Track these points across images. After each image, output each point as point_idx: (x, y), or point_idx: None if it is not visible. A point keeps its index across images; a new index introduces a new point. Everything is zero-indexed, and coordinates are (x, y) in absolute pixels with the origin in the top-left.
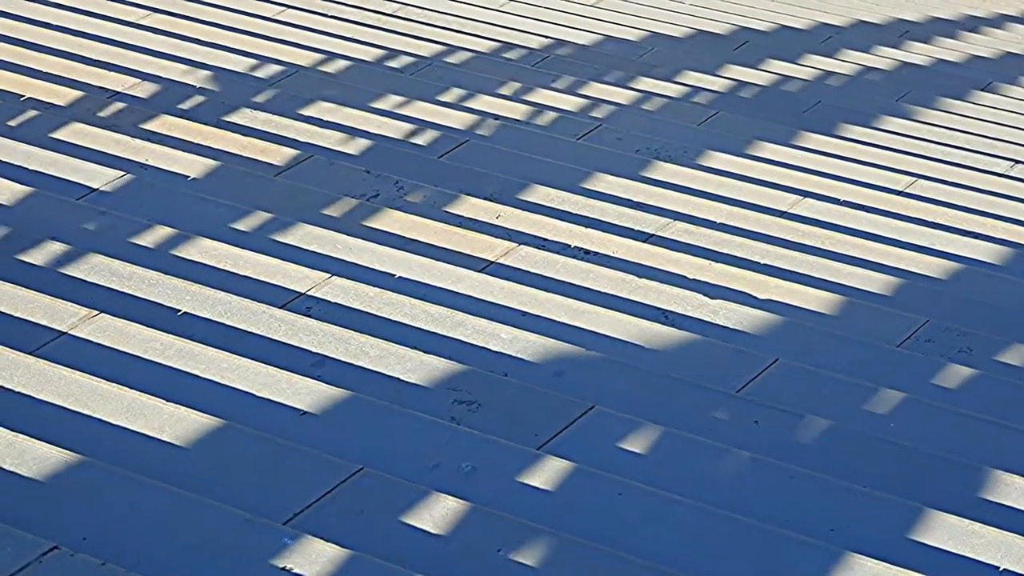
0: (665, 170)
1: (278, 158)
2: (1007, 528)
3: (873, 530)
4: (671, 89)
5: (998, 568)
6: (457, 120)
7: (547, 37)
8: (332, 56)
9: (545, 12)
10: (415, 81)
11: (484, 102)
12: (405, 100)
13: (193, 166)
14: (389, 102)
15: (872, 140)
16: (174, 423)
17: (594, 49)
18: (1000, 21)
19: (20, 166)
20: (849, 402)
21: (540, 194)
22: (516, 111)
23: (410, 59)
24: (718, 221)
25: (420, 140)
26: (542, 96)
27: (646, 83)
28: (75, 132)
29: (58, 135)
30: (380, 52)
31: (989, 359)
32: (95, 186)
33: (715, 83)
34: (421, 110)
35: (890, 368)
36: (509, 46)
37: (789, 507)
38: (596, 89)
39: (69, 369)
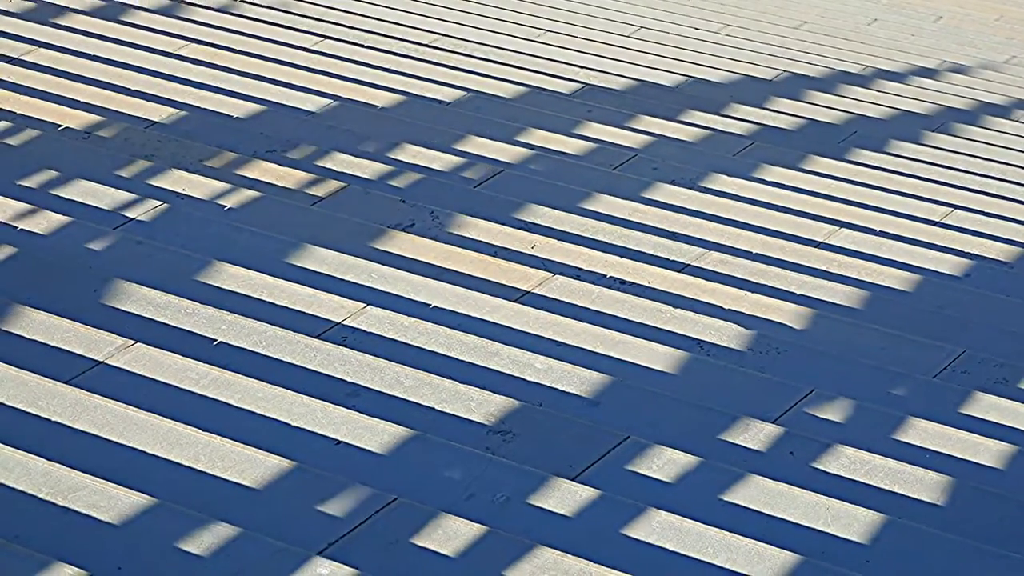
0: (700, 200)
1: (314, 188)
2: None
3: (910, 562)
4: (707, 120)
5: None
6: (493, 150)
7: (583, 68)
8: (368, 86)
9: (582, 43)
10: (451, 111)
11: (519, 132)
12: (441, 130)
13: (229, 195)
14: (425, 132)
15: (908, 170)
16: (209, 452)
17: (630, 80)
18: None
19: (57, 195)
20: (884, 433)
21: (575, 224)
22: (552, 141)
23: (446, 89)
24: (753, 251)
25: (455, 169)
26: (578, 126)
27: (682, 114)
28: (113, 162)
29: (96, 165)
30: (416, 83)
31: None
32: (132, 216)
33: (751, 114)
34: (457, 140)
35: (926, 399)
36: (545, 77)
37: (823, 539)
38: (632, 119)
39: (105, 398)
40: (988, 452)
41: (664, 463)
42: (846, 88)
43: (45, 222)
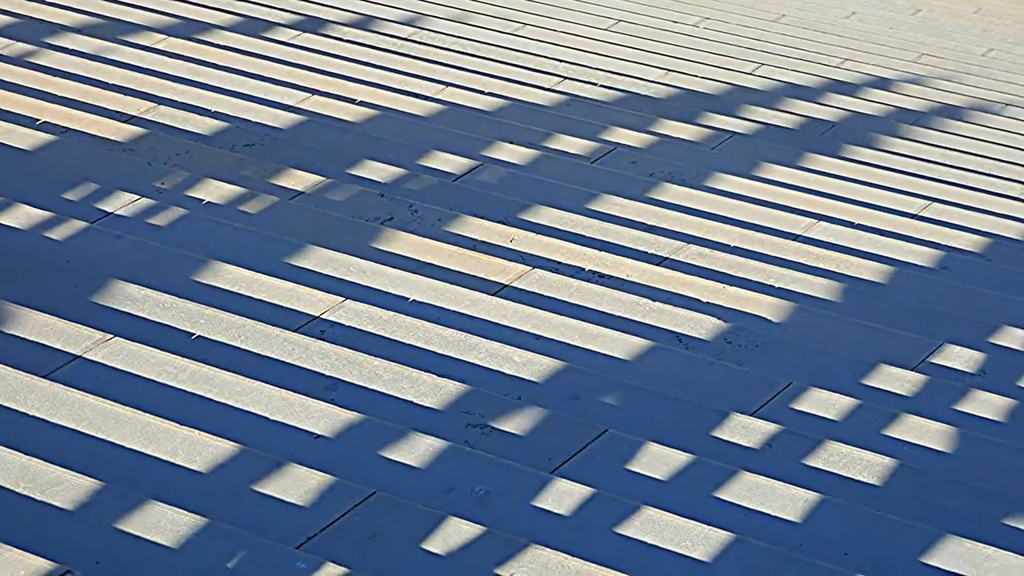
0: (679, 193)
1: (293, 182)
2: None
3: (887, 553)
4: (685, 113)
5: None
6: (471, 144)
7: (561, 61)
8: (347, 80)
9: (559, 36)
10: (429, 105)
11: (498, 126)
12: (420, 124)
13: (208, 190)
14: (403, 125)
15: (886, 163)
16: (188, 446)
17: (609, 73)
18: (1014, 47)
19: (35, 189)
20: (863, 426)
21: (554, 217)
22: (530, 135)
23: (424, 83)
24: (732, 244)
25: (434, 163)
26: (556, 120)
27: (660, 107)
28: (90, 156)
29: (73, 159)
30: (394, 76)
31: (1004, 382)
32: (110, 210)
33: (729, 107)
34: (436, 134)
35: (904, 391)
36: (523, 70)
37: (801, 530)
38: (610, 113)
39: (83, 392)
40: (966, 445)
41: (643, 456)
42: (824, 82)
43: (23, 216)
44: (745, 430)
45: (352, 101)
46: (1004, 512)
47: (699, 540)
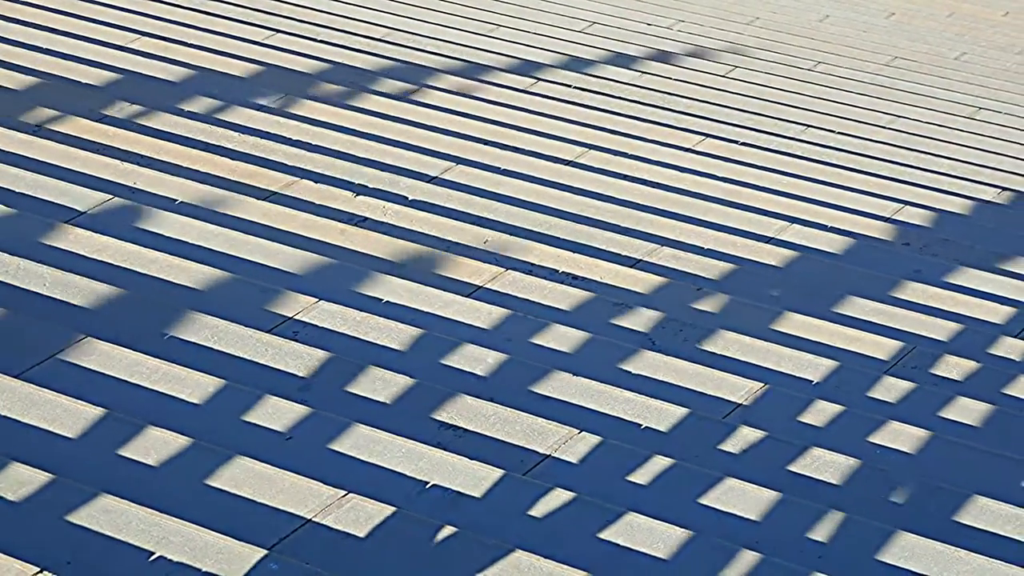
0: (652, 195)
1: (266, 181)
2: (990, 554)
3: (861, 556)
4: (660, 116)
5: None
6: (445, 144)
7: (535, 63)
8: (321, 80)
9: (535, 38)
10: (403, 105)
11: (472, 127)
12: (393, 125)
13: (181, 189)
14: (377, 126)
15: (860, 166)
16: (159, 447)
17: (583, 75)
18: (986, 51)
19: (7, 188)
20: (837, 428)
21: (527, 219)
22: (504, 136)
23: (399, 84)
24: (705, 247)
25: (407, 164)
26: (532, 121)
27: (635, 109)
28: (63, 155)
29: (45, 158)
30: (368, 76)
31: (986, 389)
32: (82, 209)
33: (703, 110)
34: (410, 134)
35: (878, 394)
36: (497, 70)
37: (776, 533)
38: (584, 114)
39: (55, 393)
40: (938, 447)
41: (616, 459)
42: (798, 84)
43: None
44: (720, 433)
45: (326, 101)
46: (972, 514)
47: (671, 541)
